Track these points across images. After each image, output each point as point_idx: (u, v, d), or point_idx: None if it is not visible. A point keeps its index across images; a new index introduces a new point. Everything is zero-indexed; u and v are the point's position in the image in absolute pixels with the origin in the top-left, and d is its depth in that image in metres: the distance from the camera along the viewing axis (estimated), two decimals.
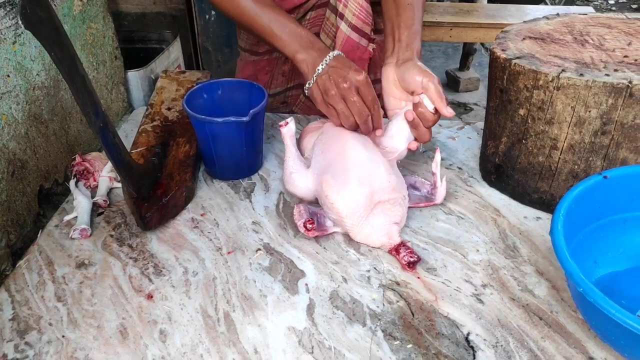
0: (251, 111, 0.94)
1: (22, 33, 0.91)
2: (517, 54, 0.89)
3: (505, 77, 0.89)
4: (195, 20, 2.42)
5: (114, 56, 1.24)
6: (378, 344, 0.71)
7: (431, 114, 0.90)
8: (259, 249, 0.87)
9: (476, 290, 0.79)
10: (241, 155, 1.00)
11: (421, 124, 0.91)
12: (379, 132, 0.94)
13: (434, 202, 0.94)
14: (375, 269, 0.83)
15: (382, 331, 0.73)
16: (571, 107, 0.82)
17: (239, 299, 0.78)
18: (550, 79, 0.82)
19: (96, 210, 0.96)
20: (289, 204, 0.97)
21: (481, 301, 0.77)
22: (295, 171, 0.92)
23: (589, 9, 3.31)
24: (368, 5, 1.15)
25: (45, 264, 0.85)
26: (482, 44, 3.38)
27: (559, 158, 0.87)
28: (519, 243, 0.87)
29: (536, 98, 0.85)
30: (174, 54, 1.56)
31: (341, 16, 1.14)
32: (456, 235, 0.89)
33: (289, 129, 0.92)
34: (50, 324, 0.75)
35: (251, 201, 0.98)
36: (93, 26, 1.15)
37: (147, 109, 1.16)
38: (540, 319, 0.74)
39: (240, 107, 1.01)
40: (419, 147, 0.95)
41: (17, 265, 0.85)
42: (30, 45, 0.93)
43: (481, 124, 1.16)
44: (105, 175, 1.00)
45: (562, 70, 0.82)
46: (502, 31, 0.98)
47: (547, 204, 0.92)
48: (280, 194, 0.99)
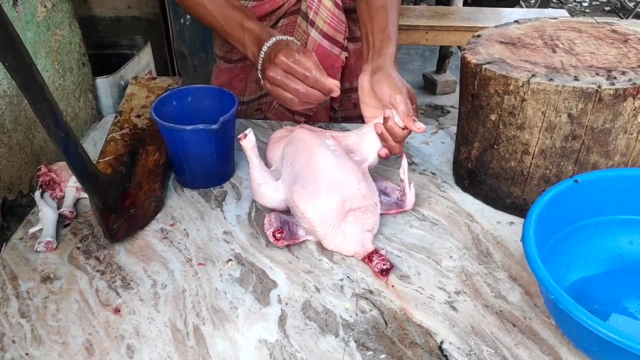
0: (221, 119, 0.92)
1: None
2: (488, 59, 0.88)
3: (476, 82, 0.88)
4: (170, 25, 2.39)
5: (82, 63, 1.22)
6: (351, 355, 0.70)
7: (400, 129, 0.89)
8: (229, 259, 0.85)
9: (450, 297, 0.78)
10: (212, 164, 0.98)
11: (390, 138, 0.90)
12: (334, 92, 0.90)
13: (403, 208, 0.93)
14: (348, 277, 0.82)
15: (355, 341, 0.72)
16: (542, 112, 0.82)
17: (209, 311, 0.76)
18: (520, 84, 0.82)
19: (62, 221, 0.93)
20: (261, 212, 0.95)
21: (455, 308, 0.77)
22: (263, 182, 0.90)
23: (563, 12, 3.35)
24: (341, 12, 1.14)
25: (8, 278, 0.83)
26: (459, 46, 3.40)
27: (531, 163, 0.87)
28: (492, 248, 0.87)
29: (507, 103, 0.85)
30: (144, 59, 1.54)
31: (312, 23, 1.14)
32: (430, 241, 0.89)
33: (248, 140, 0.89)
34: (14, 341, 0.73)
35: (222, 210, 0.96)
36: (59, 32, 1.12)
37: (115, 117, 1.13)
38: (514, 325, 0.74)
39: (211, 114, 0.99)
40: (388, 155, 0.94)
41: None
42: None
43: (455, 129, 1.16)
44: (72, 185, 0.97)
45: (533, 76, 0.82)
46: (473, 36, 0.98)
47: (520, 209, 0.92)
48: (252, 202, 0.98)
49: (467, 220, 0.93)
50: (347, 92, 1.25)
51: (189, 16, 2.42)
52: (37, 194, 0.96)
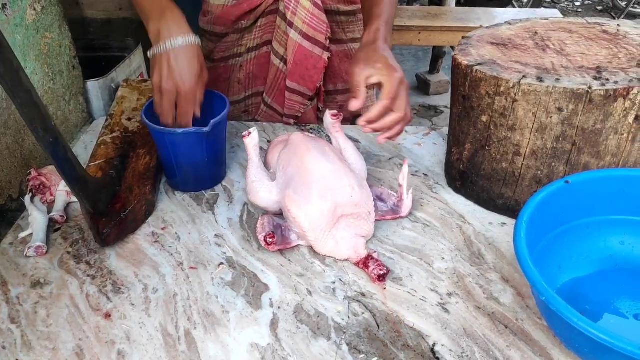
0: (212, 121, 0.92)
1: None
2: (479, 60, 0.88)
3: (467, 83, 0.88)
4: None
5: (72, 66, 1.21)
6: (343, 358, 0.70)
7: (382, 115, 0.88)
8: (221, 263, 0.85)
9: (442, 299, 0.78)
10: (203, 167, 0.98)
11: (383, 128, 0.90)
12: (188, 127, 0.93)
13: (399, 214, 0.92)
14: (340, 280, 0.82)
15: (347, 345, 0.72)
16: (532, 113, 0.82)
17: (201, 315, 0.76)
18: (511, 86, 0.82)
19: (53, 226, 0.93)
20: (254, 215, 0.95)
21: (447, 310, 0.76)
22: (257, 180, 0.90)
23: (555, 12, 3.36)
24: (321, 12, 1.13)
25: None
26: (452, 47, 3.41)
27: (522, 164, 0.87)
28: (484, 250, 0.87)
29: (498, 104, 0.85)
30: (135, 62, 1.53)
31: (290, 24, 1.13)
32: (422, 243, 0.89)
33: (252, 138, 0.90)
34: (4, 347, 0.72)
35: (214, 213, 0.96)
36: (48, 35, 1.11)
37: (106, 120, 1.13)
38: (506, 327, 0.74)
39: (202, 116, 0.98)
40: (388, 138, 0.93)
41: None
42: None
43: (447, 130, 1.16)
44: (62, 189, 0.97)
45: (523, 77, 0.82)
46: (464, 37, 0.98)
47: (512, 210, 0.92)
48: (244, 205, 0.97)
49: (459, 222, 0.93)
50: (331, 94, 1.25)
51: None
52: (27, 198, 0.95)
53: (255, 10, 1.16)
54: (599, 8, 6.10)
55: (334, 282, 0.81)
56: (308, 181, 0.85)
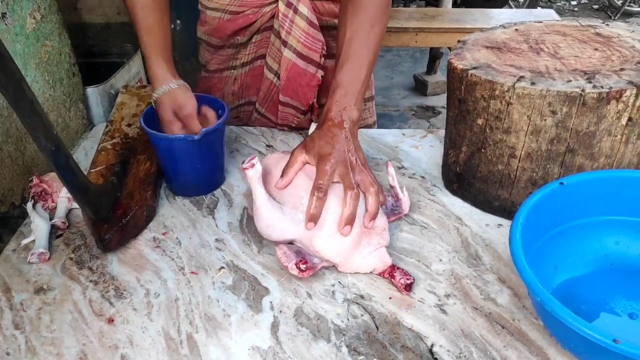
0: (203, 130, 0.93)
1: None
2: (474, 64, 0.90)
3: (462, 87, 0.89)
4: None
5: (72, 73, 1.22)
6: None
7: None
8: (222, 267, 0.86)
9: (440, 300, 0.80)
10: (199, 172, 0.99)
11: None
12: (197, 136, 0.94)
13: (401, 213, 0.93)
14: (339, 282, 0.83)
15: (347, 346, 0.73)
16: (527, 116, 0.83)
17: (202, 319, 0.77)
18: (506, 89, 0.83)
19: (55, 232, 0.94)
20: (253, 219, 0.96)
21: (445, 312, 0.78)
22: (272, 224, 0.84)
23: (551, 12, 3.37)
24: (316, 31, 1.13)
25: (2, 290, 0.83)
26: (449, 47, 3.42)
27: (518, 166, 0.89)
28: (481, 251, 0.88)
29: (493, 108, 0.86)
30: (134, 68, 1.54)
31: (284, 43, 1.13)
32: (420, 245, 0.90)
33: (255, 171, 0.81)
34: (8, 354, 0.73)
35: (214, 218, 0.97)
36: (48, 44, 1.12)
37: (106, 126, 1.14)
38: (503, 327, 0.75)
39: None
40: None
41: None
42: None
43: (443, 132, 1.17)
44: (64, 196, 0.98)
45: (518, 80, 0.83)
46: (459, 41, 0.99)
47: (508, 211, 0.93)
48: (244, 209, 0.99)
49: (457, 224, 0.94)
50: (324, 107, 1.25)
51: (179, 21, 2.42)
52: (29, 205, 0.96)
53: (251, 27, 1.16)
54: (595, 7, 6.12)
55: (333, 285, 0.83)
56: (331, 218, 0.82)
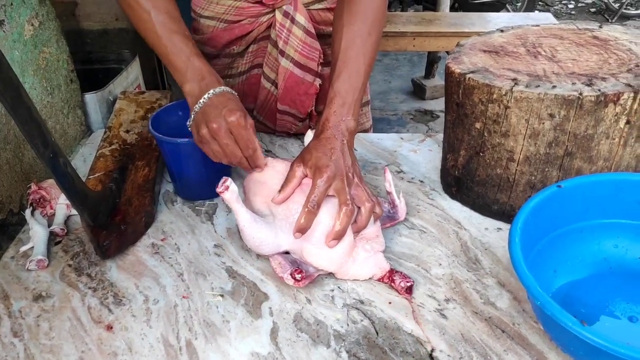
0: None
1: None
2: (472, 68, 0.90)
3: (460, 91, 0.89)
4: None
5: (70, 79, 1.22)
6: None
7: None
8: (221, 295, 0.82)
9: (439, 305, 0.79)
10: (203, 176, 0.99)
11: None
12: (258, 170, 0.89)
13: (397, 220, 0.93)
14: (339, 288, 0.83)
15: (347, 352, 0.73)
16: (525, 119, 0.84)
17: (201, 325, 0.77)
18: (503, 93, 0.83)
19: (53, 239, 0.94)
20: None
21: (445, 316, 0.77)
22: (261, 242, 0.83)
23: (548, 15, 3.38)
24: (313, 40, 1.13)
25: (0, 297, 0.83)
26: (447, 51, 3.43)
27: (516, 170, 0.89)
28: (480, 255, 0.88)
29: (491, 111, 0.86)
30: (132, 74, 1.54)
31: (282, 53, 1.13)
32: (419, 249, 0.90)
33: (231, 192, 0.79)
34: None
35: (213, 223, 0.97)
36: (46, 50, 1.12)
37: (105, 132, 1.14)
38: (503, 331, 0.75)
39: None
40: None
41: None
42: None
43: (442, 136, 1.17)
44: (63, 202, 0.97)
45: (515, 84, 0.83)
46: (457, 45, 1.00)
47: (507, 215, 0.93)
48: None
49: (456, 228, 0.94)
50: (322, 114, 1.24)
51: None
52: (28, 212, 0.96)
53: (247, 36, 1.16)
54: (592, 10, 6.14)
55: (333, 290, 0.82)
56: (321, 229, 0.81)
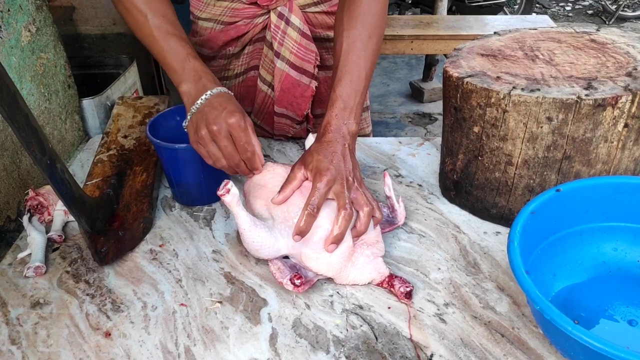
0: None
1: None
2: (470, 72, 0.90)
3: (458, 95, 0.89)
4: None
5: (67, 85, 1.22)
6: None
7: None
8: (220, 301, 0.82)
9: (439, 309, 0.79)
10: (200, 182, 0.98)
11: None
12: (257, 172, 0.89)
13: (396, 224, 0.93)
14: (338, 293, 0.83)
15: (346, 357, 0.72)
16: (523, 123, 0.83)
17: (200, 332, 0.77)
18: (501, 97, 0.83)
19: (51, 245, 0.93)
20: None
21: (444, 321, 0.77)
22: (260, 246, 0.82)
23: (545, 18, 3.39)
24: (309, 42, 1.14)
25: None
26: (445, 54, 3.43)
27: (515, 173, 0.88)
28: (479, 259, 0.88)
29: (489, 115, 0.86)
30: (130, 79, 1.54)
31: (277, 54, 1.13)
32: (418, 254, 0.89)
33: (232, 195, 0.78)
34: None
35: (211, 229, 0.96)
36: (44, 56, 1.12)
37: (102, 138, 1.14)
38: (502, 336, 0.74)
39: None
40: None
41: None
42: None
43: (440, 140, 1.17)
44: (60, 209, 0.97)
45: (513, 88, 0.83)
46: (454, 49, 1.00)
47: (506, 219, 0.93)
48: None
49: (454, 232, 0.94)
50: (319, 117, 1.24)
51: None
52: (25, 218, 0.96)
53: (243, 38, 1.16)
54: (590, 12, 6.15)
55: (332, 295, 0.82)
56: (320, 233, 0.81)
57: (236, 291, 0.83)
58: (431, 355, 0.72)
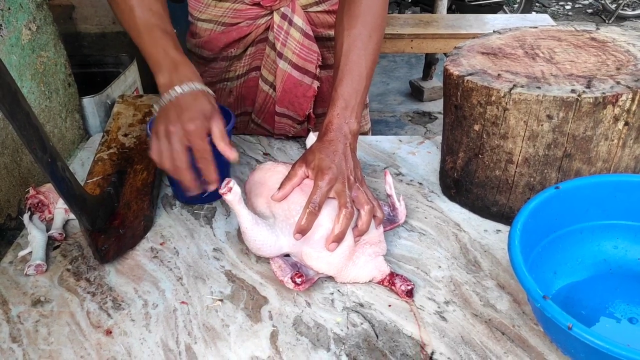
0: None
1: None
2: (470, 70, 0.90)
3: (459, 93, 0.89)
4: None
5: (67, 83, 1.22)
6: None
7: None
8: (220, 299, 0.82)
9: (439, 307, 0.79)
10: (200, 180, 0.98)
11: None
12: (212, 186, 0.83)
13: (397, 223, 0.93)
14: (338, 291, 0.83)
15: (347, 355, 0.72)
16: (524, 121, 0.84)
17: (201, 330, 0.77)
18: (502, 95, 0.83)
19: (52, 244, 0.93)
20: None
21: (444, 319, 0.77)
22: (262, 244, 0.82)
23: (545, 17, 3.39)
24: (311, 42, 1.14)
25: None
26: (445, 53, 3.43)
27: (515, 171, 0.89)
28: (480, 257, 0.88)
29: (490, 113, 0.86)
30: (130, 77, 1.54)
31: (280, 55, 1.13)
32: (418, 252, 0.89)
33: (234, 193, 0.77)
34: None
35: (212, 227, 0.96)
36: (44, 54, 1.12)
37: (103, 136, 1.14)
38: (503, 333, 0.75)
39: None
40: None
41: None
42: None
43: (440, 138, 1.17)
44: (61, 207, 0.97)
45: (514, 86, 0.83)
46: (455, 47, 1.00)
47: (506, 217, 0.93)
48: None
49: (455, 230, 0.94)
50: (321, 116, 1.24)
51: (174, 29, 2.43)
52: (26, 216, 0.95)
53: (245, 39, 1.16)
54: (589, 11, 6.15)
55: (332, 293, 0.82)
56: (322, 232, 0.81)
57: (237, 289, 0.83)
58: (432, 353, 0.72)
